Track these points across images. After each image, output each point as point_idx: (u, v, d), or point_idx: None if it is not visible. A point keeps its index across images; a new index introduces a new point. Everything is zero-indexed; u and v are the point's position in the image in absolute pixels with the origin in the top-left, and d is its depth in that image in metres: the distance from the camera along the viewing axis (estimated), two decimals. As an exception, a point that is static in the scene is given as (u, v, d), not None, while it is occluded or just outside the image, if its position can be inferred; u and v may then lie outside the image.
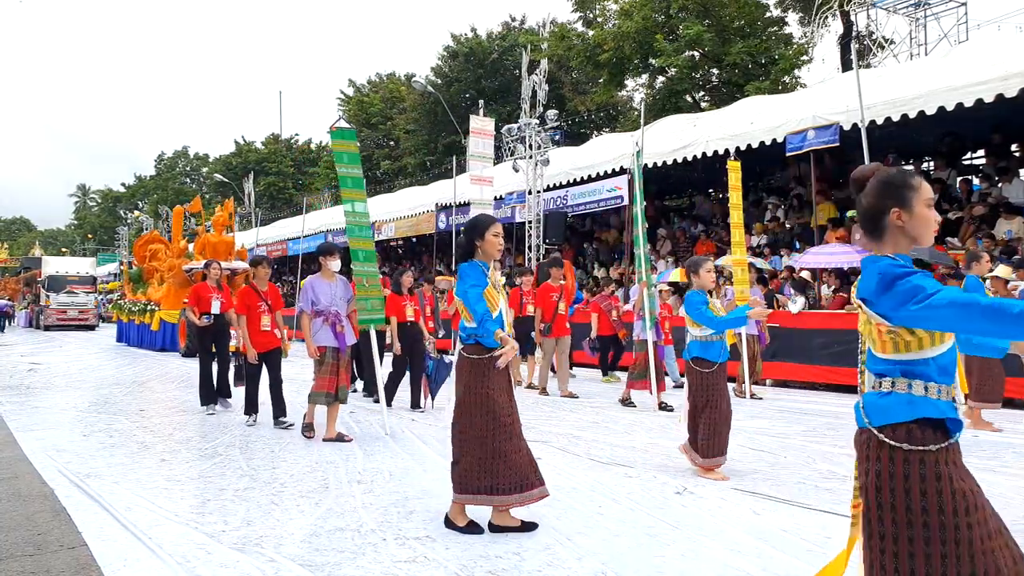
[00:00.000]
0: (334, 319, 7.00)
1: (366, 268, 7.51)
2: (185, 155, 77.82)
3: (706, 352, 5.66)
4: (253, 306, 7.88)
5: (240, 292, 7.99)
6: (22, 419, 8.34)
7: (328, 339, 6.99)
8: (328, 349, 6.99)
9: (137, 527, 4.27)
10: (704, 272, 5.77)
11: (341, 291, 7.20)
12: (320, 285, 7.11)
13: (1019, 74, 10.27)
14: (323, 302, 7.01)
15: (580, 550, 3.88)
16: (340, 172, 7.65)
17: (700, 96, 30.47)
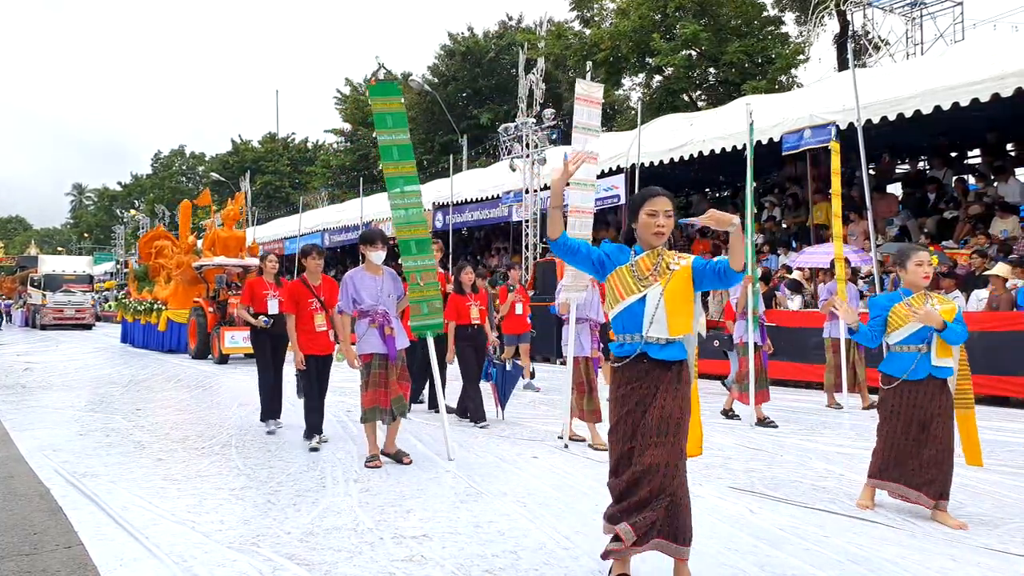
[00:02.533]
0: (382, 320, 5.85)
1: (421, 262, 6.11)
2: (182, 154, 77.70)
3: (889, 365, 4.74)
4: (303, 302, 6.76)
5: (289, 287, 6.97)
6: (18, 418, 8.33)
7: (375, 344, 5.85)
8: (375, 357, 5.85)
9: (134, 526, 4.27)
10: (913, 266, 4.57)
11: (389, 286, 6.02)
12: (363, 280, 5.94)
13: (1015, 74, 10.29)
14: (367, 300, 5.87)
15: (577, 549, 3.88)
16: (382, 140, 6.10)
17: (697, 95, 30.50)
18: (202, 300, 17.14)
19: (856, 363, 9.32)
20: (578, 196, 6.70)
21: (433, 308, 6.16)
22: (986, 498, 4.93)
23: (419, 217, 6.19)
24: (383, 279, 6.02)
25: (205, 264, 17.83)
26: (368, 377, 5.87)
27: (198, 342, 16.72)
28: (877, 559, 3.74)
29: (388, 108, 6.18)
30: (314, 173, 52.75)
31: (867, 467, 4.80)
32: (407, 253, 6.10)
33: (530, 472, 5.71)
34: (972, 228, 12.07)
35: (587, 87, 6.69)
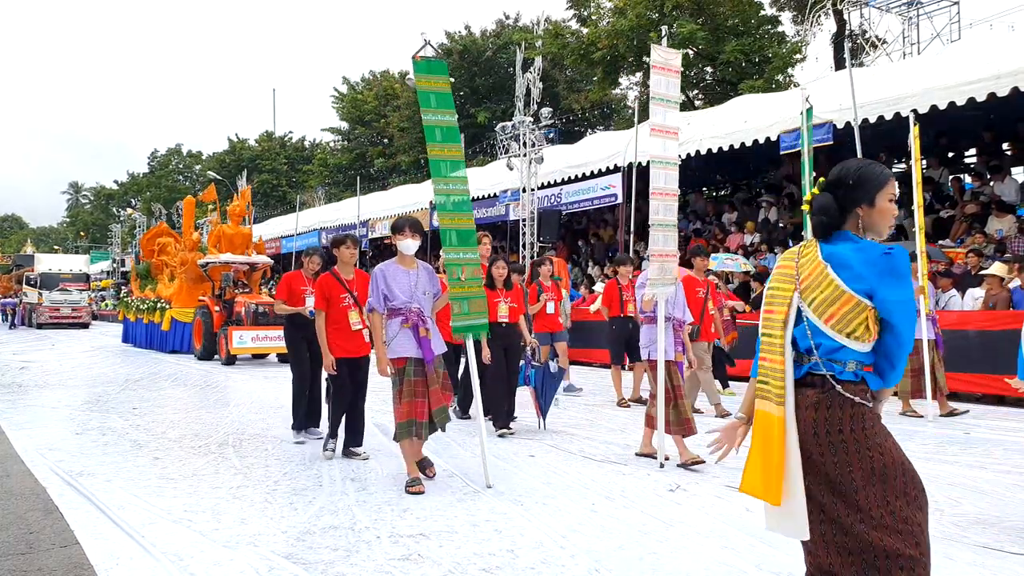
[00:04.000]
0: (416, 320, 5.23)
1: (463, 255, 5.45)
2: (179, 152, 77.55)
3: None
4: (335, 299, 6.07)
5: (318, 281, 6.21)
6: (14, 417, 8.31)
7: (409, 347, 5.18)
8: (409, 361, 5.18)
9: (130, 525, 4.26)
10: None
11: (424, 282, 5.38)
12: (396, 274, 5.30)
13: (1011, 73, 10.31)
14: (400, 297, 5.23)
15: (574, 548, 3.88)
16: (426, 120, 5.50)
17: (694, 94, 30.51)
18: (208, 299, 16.67)
19: (936, 367, 8.44)
20: (661, 177, 5.97)
21: (476, 307, 5.48)
22: (983, 497, 4.93)
23: (465, 205, 5.55)
24: (417, 273, 5.37)
25: (211, 261, 17.28)
26: (402, 386, 5.16)
27: (204, 342, 16.28)
28: (873, 558, 3.74)
29: (433, 87, 5.57)
30: (311, 172, 52.75)
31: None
32: (447, 244, 5.45)
33: (527, 471, 5.71)
34: (968, 227, 12.09)
35: (664, 54, 5.97)
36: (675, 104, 6.09)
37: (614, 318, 9.54)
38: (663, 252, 5.92)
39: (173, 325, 18.55)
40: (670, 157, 6.03)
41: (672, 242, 5.98)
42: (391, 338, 5.22)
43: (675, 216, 6.08)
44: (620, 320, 9.43)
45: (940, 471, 5.66)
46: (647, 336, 6.19)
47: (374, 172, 43.26)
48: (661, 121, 5.93)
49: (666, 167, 6.01)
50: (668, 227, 5.97)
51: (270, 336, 14.86)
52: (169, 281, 20.31)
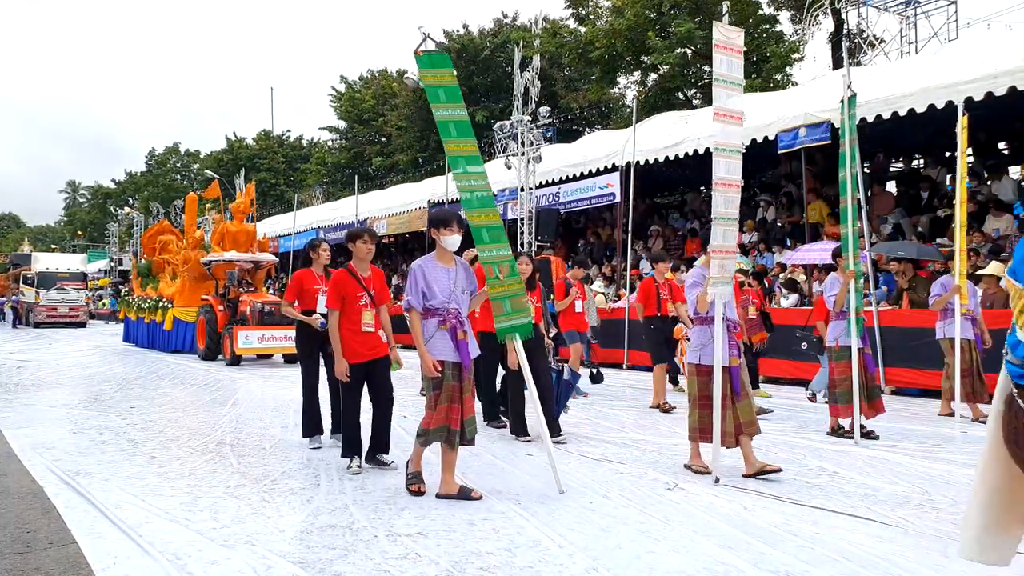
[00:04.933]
0: (454, 321, 4.91)
1: (496, 251, 5.23)
2: (176, 151, 77.47)
3: None
4: (351, 297, 5.62)
5: (333, 277, 5.74)
6: (11, 416, 8.30)
7: (446, 350, 4.87)
8: (447, 365, 4.87)
9: (127, 524, 4.26)
10: None
11: (463, 279, 5.04)
12: (434, 271, 4.96)
13: (1008, 72, 10.32)
14: (439, 296, 4.90)
15: (571, 546, 3.89)
16: (438, 116, 5.28)
17: (692, 93, 30.52)
18: (211, 298, 16.44)
19: (978, 367, 8.16)
20: (723, 166, 5.53)
21: (518, 305, 5.18)
22: (979, 495, 4.94)
23: (489, 200, 5.32)
24: (456, 271, 5.01)
25: (214, 260, 16.96)
26: (440, 390, 4.83)
27: (207, 342, 16.01)
28: (871, 556, 3.75)
29: (440, 81, 5.35)
30: (309, 171, 52.69)
31: (861, 466, 4.81)
32: (480, 242, 5.21)
33: (525, 470, 5.71)
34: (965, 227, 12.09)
35: (726, 32, 5.53)
36: (739, 86, 5.63)
37: (651, 317, 9.15)
38: (723, 248, 5.48)
39: (176, 324, 18.24)
40: (733, 143, 5.56)
41: (733, 237, 5.54)
42: (426, 340, 4.88)
43: (737, 209, 5.65)
44: (659, 319, 9.11)
45: (937, 470, 5.67)
46: (699, 339, 5.72)
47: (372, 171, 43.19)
48: (723, 104, 5.48)
49: (729, 155, 5.55)
50: (730, 221, 5.53)
51: (276, 336, 14.67)
52: (171, 280, 20.02)
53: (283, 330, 14.77)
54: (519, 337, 5.24)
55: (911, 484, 5.22)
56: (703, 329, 5.68)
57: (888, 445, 6.61)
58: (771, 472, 5.34)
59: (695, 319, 5.80)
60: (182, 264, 18.97)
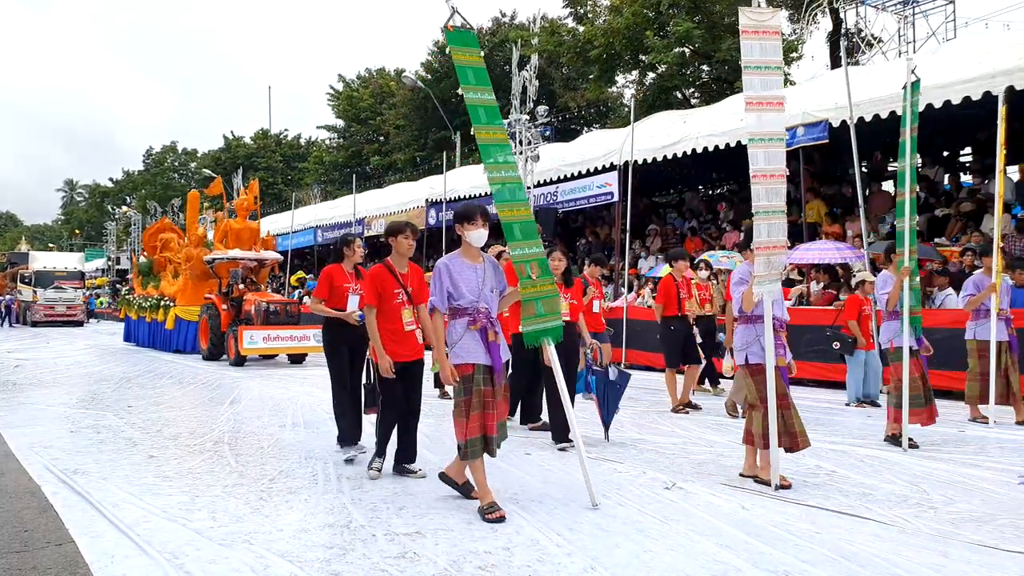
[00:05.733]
0: (484, 322, 4.60)
1: (528, 249, 4.83)
2: (174, 150, 77.41)
3: None
4: (388, 295, 5.31)
5: (370, 274, 5.41)
6: (9, 415, 8.29)
7: (477, 353, 4.56)
8: (477, 369, 4.54)
9: (125, 523, 4.26)
10: None
11: (491, 278, 4.73)
12: (461, 269, 4.65)
13: (1006, 72, 10.33)
14: (467, 295, 4.60)
15: (570, 545, 3.89)
16: (468, 99, 4.93)
17: (690, 92, 30.52)
18: (214, 296, 16.00)
19: (1009, 370, 7.77)
20: (762, 155, 5.22)
21: (551, 307, 4.83)
22: (976, 494, 4.95)
23: (521, 193, 4.95)
24: (484, 268, 4.71)
25: (218, 258, 16.53)
26: (471, 395, 4.51)
27: (211, 342, 15.58)
28: (868, 555, 3.75)
29: (469, 61, 5.03)
30: (307, 170, 52.69)
31: (859, 465, 4.80)
32: (511, 239, 4.81)
33: (523, 469, 5.71)
34: (964, 226, 12.12)
35: (754, 16, 5.20)
36: (775, 70, 5.22)
37: (671, 317, 8.82)
38: (769, 244, 5.16)
39: (177, 324, 17.86)
40: (771, 131, 5.22)
41: (780, 231, 5.20)
42: (454, 342, 4.58)
43: (782, 200, 5.27)
44: (679, 320, 8.80)
45: (934, 469, 5.68)
46: (744, 338, 5.46)
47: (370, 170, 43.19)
48: (757, 92, 5.15)
49: (766, 144, 5.22)
50: (774, 214, 5.18)
51: (282, 336, 14.42)
52: (173, 278, 19.63)
53: (289, 330, 14.55)
54: (551, 341, 4.86)
55: (909, 483, 5.23)
56: (748, 328, 5.45)
57: (886, 445, 6.61)
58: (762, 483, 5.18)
59: (740, 318, 5.56)
60: (184, 262, 18.55)
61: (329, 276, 6.30)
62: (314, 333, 14.27)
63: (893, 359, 6.73)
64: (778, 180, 5.22)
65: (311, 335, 14.45)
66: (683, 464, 5.87)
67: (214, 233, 18.43)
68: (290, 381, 11.83)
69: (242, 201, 17.91)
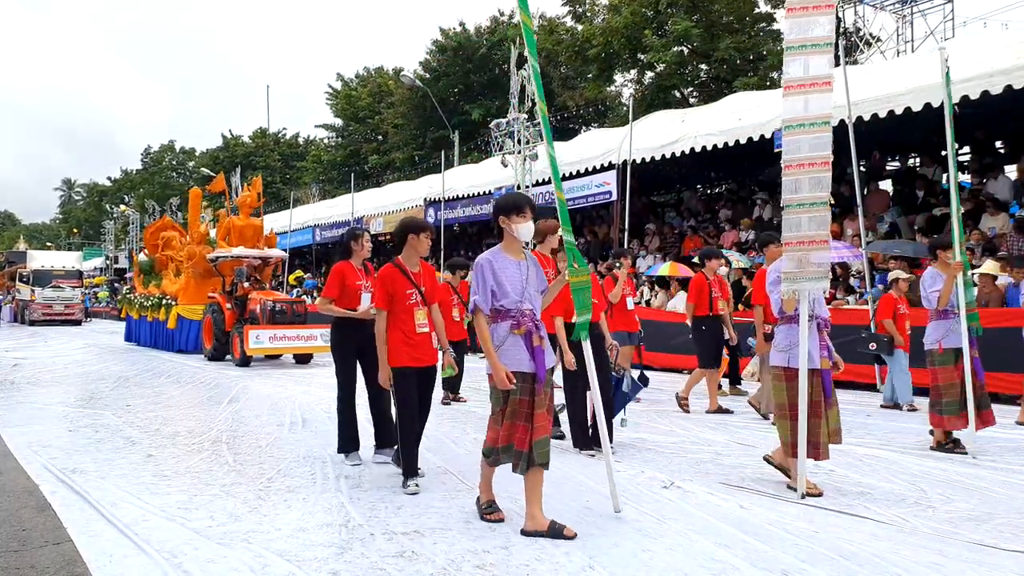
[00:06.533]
0: (530, 324, 4.18)
1: (569, 237, 4.57)
2: (172, 149, 77.36)
3: None
4: (400, 295, 5.03)
5: (381, 273, 5.10)
6: (6, 414, 8.28)
7: (521, 359, 4.14)
8: (520, 377, 4.12)
9: (123, 522, 4.25)
10: None
11: (535, 276, 4.30)
12: (505, 265, 4.22)
13: (1004, 71, 10.34)
14: (511, 295, 4.18)
15: (568, 544, 3.89)
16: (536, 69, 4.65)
17: (689, 92, 30.53)
18: (218, 295, 15.66)
19: None
20: (807, 141, 4.83)
21: (584, 300, 4.47)
22: (974, 493, 4.96)
23: (557, 179, 4.67)
24: (527, 264, 4.28)
25: (221, 256, 16.15)
26: (506, 404, 4.14)
27: (215, 341, 15.19)
28: (866, 554, 3.76)
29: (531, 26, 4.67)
30: (305, 168, 52.67)
31: (857, 464, 4.80)
32: (566, 224, 4.52)
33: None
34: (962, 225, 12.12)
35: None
36: (823, 47, 4.78)
37: (702, 317, 8.57)
38: (803, 238, 4.82)
39: (180, 323, 17.53)
40: (815, 115, 4.80)
41: (820, 224, 4.81)
42: (497, 345, 4.15)
43: (827, 190, 4.83)
44: (711, 319, 8.56)
45: (932, 468, 5.69)
46: (786, 339, 5.16)
47: (368, 169, 43.18)
48: (799, 74, 4.78)
49: (808, 130, 4.81)
50: (813, 206, 4.81)
51: (288, 336, 14.12)
52: (175, 276, 19.24)
53: (296, 329, 14.28)
54: (583, 336, 4.54)
55: (907, 482, 5.23)
56: (792, 328, 5.09)
57: (884, 443, 6.62)
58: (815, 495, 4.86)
59: (781, 318, 5.27)
60: (187, 260, 18.19)
61: (341, 274, 6.01)
62: (321, 333, 14.19)
63: (941, 362, 6.36)
64: (822, 168, 4.81)
65: (318, 335, 14.28)
66: (681, 463, 5.88)
67: (217, 231, 18.02)
68: (289, 380, 11.82)
69: (245, 198, 17.53)
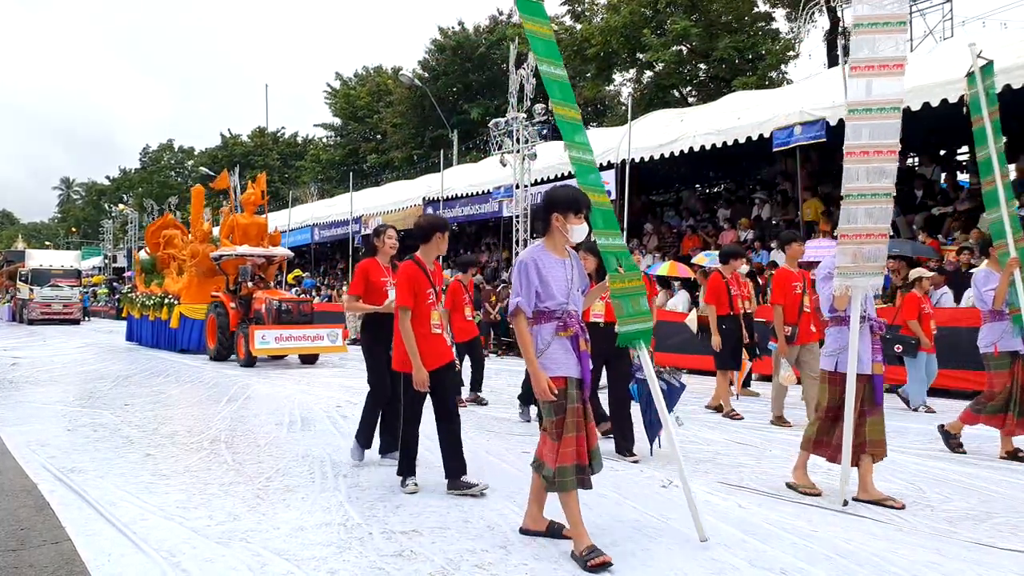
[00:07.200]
0: (577, 327, 3.91)
1: (612, 240, 4.29)
2: (170, 148, 77.34)
3: None
4: (422, 295, 4.93)
5: (403, 270, 4.98)
6: (5, 413, 8.27)
7: (569, 364, 3.86)
8: (568, 383, 3.84)
9: (121, 521, 4.25)
10: None
11: (578, 275, 4.03)
12: (550, 265, 3.92)
13: (1003, 70, 10.32)
14: (556, 297, 3.88)
15: (566, 544, 3.88)
16: (542, 71, 4.43)
17: (687, 91, 30.54)
18: (222, 294, 15.38)
19: None
20: (861, 129, 4.51)
21: (639, 307, 4.20)
22: (973, 492, 4.96)
23: (597, 179, 4.38)
24: (571, 263, 4.01)
25: (225, 254, 15.78)
26: (563, 414, 3.79)
27: (219, 341, 14.93)
28: (865, 553, 3.76)
29: (539, 32, 4.51)
30: (304, 168, 52.67)
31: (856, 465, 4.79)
32: (595, 227, 4.19)
33: (519, 467, 5.70)
34: (962, 225, 12.14)
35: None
36: (896, 26, 4.39)
37: (723, 317, 8.31)
38: (860, 231, 4.49)
39: (182, 322, 17.25)
40: (884, 100, 4.40)
41: (877, 217, 4.48)
42: (540, 351, 3.85)
43: (891, 181, 4.49)
44: (731, 319, 8.31)
45: (929, 467, 5.69)
46: (836, 341, 4.90)
47: (367, 168, 43.18)
48: (867, 55, 4.39)
49: (873, 115, 4.45)
50: (877, 197, 4.47)
51: (295, 336, 13.86)
52: (177, 275, 18.95)
53: (302, 329, 14.07)
54: (644, 344, 4.25)
55: (905, 481, 5.24)
56: (841, 330, 4.85)
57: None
58: (893, 507, 4.57)
59: (830, 318, 5.00)
60: (190, 258, 17.87)
61: (365, 272, 5.81)
62: (328, 332, 14.15)
63: (996, 365, 6.04)
64: (887, 157, 4.48)
65: (325, 335, 14.17)
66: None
67: (220, 228, 17.78)
68: (288, 380, 11.82)
69: (249, 195, 17.12)
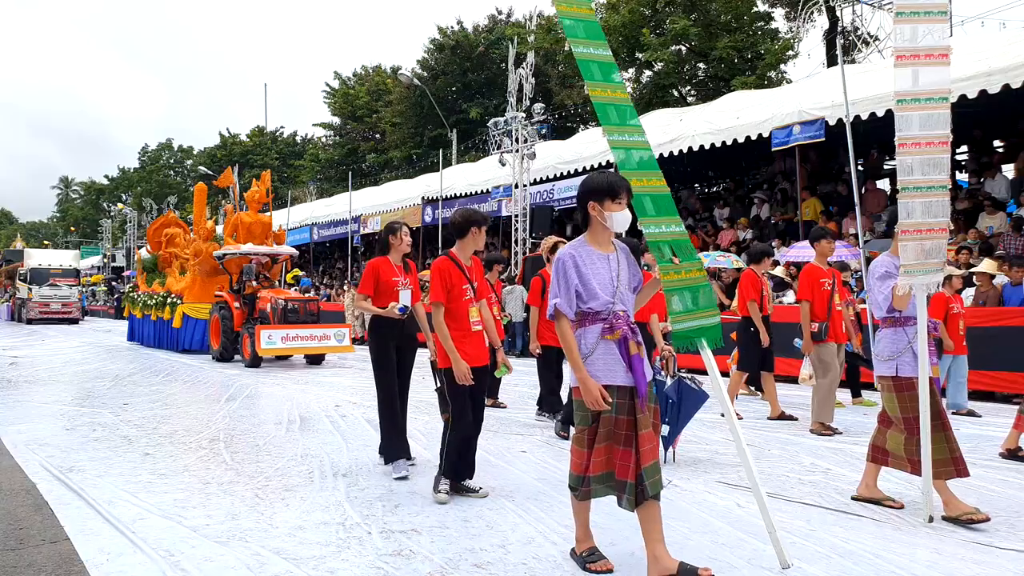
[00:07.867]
0: (625, 329, 3.49)
1: (667, 227, 3.80)
2: (169, 147, 77.31)
3: None
4: (457, 290, 4.74)
5: (437, 266, 4.75)
6: (4, 412, 8.27)
7: (616, 370, 3.45)
8: (614, 392, 3.41)
9: (120, 521, 4.25)
10: None
11: (627, 271, 3.61)
12: (592, 260, 3.53)
13: (1002, 70, 10.36)
14: (601, 296, 3.48)
15: (566, 543, 3.89)
16: (577, 53, 4.03)
17: (686, 90, 30.53)
18: (225, 294, 15.24)
19: None
20: (917, 118, 4.27)
21: (705, 299, 3.78)
22: (971, 492, 4.96)
23: (652, 163, 3.90)
24: (617, 258, 3.60)
25: (229, 253, 15.58)
26: (597, 423, 3.44)
27: (223, 341, 14.73)
28: (863, 552, 3.76)
29: (577, 13, 4.19)
30: (303, 167, 52.66)
31: (855, 463, 4.79)
32: (642, 215, 3.75)
33: (518, 467, 5.71)
34: (961, 224, 12.15)
35: None
36: (939, 15, 4.22)
37: (750, 318, 8.04)
38: (920, 227, 4.24)
39: (185, 322, 16.97)
40: (931, 90, 4.20)
41: (935, 211, 4.24)
42: (584, 356, 3.45)
43: (945, 173, 4.26)
44: (764, 320, 8.03)
45: (930, 466, 5.69)
46: (893, 345, 4.62)
47: (366, 167, 43.18)
48: (911, 44, 4.21)
49: (922, 105, 4.22)
50: (933, 190, 4.23)
51: (302, 336, 13.69)
52: (180, 274, 18.83)
53: (309, 329, 13.92)
54: (709, 344, 3.74)
55: (904, 481, 5.24)
56: (899, 332, 4.60)
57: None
58: (979, 521, 4.24)
59: (886, 320, 4.72)
60: (192, 257, 17.60)
61: (375, 270, 5.57)
62: (335, 332, 14.10)
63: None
64: (939, 148, 4.24)
65: (332, 334, 14.09)
66: (678, 462, 5.87)
67: (224, 227, 17.58)
68: (288, 380, 11.82)
69: (254, 193, 16.89)
